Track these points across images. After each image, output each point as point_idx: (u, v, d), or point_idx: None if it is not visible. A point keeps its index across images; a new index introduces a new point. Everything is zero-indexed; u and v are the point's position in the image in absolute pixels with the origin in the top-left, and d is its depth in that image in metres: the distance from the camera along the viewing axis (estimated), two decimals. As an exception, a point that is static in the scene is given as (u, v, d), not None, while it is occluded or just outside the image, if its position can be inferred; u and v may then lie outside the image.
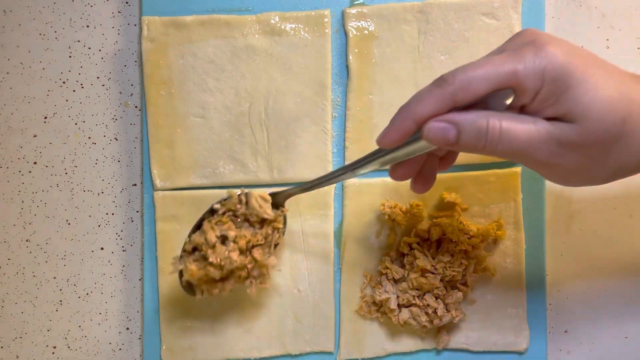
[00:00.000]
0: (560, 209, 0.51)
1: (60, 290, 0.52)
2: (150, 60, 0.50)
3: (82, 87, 0.52)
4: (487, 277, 0.50)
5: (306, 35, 0.50)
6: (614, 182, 0.39)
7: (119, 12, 0.52)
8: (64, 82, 0.52)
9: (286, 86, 0.50)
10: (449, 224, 0.47)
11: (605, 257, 0.51)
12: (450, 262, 0.47)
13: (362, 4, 0.51)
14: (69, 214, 0.52)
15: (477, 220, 0.50)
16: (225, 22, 0.50)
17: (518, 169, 0.50)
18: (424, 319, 0.48)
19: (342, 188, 0.50)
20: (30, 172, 0.52)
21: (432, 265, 0.47)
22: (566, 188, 0.50)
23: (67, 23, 0.52)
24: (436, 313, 0.47)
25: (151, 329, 0.50)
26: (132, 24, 0.52)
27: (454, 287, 0.48)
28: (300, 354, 0.50)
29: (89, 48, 0.52)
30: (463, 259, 0.48)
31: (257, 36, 0.50)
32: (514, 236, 0.50)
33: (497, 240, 0.50)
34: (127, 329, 0.52)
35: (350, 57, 0.50)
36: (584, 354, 0.51)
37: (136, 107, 0.52)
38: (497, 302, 0.50)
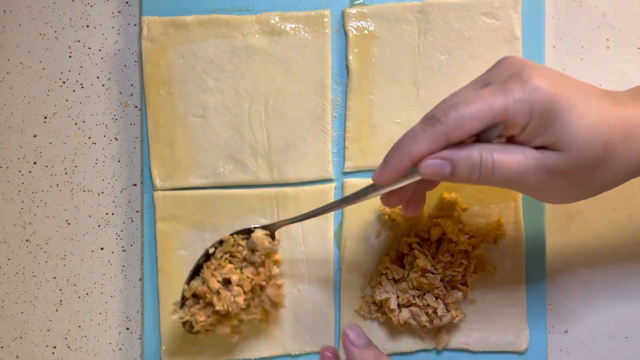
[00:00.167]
0: (560, 209, 0.51)
1: (60, 290, 0.52)
2: (150, 60, 0.50)
3: (82, 87, 0.52)
4: (487, 277, 0.50)
5: (306, 35, 0.50)
6: None
7: (119, 12, 0.52)
8: (64, 82, 0.52)
9: (286, 86, 0.50)
10: (449, 224, 0.47)
11: (605, 258, 0.51)
12: (450, 262, 0.47)
13: (362, 4, 0.51)
14: (69, 214, 0.52)
15: (477, 220, 0.50)
16: (225, 22, 0.50)
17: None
18: (424, 319, 0.48)
19: (342, 188, 0.50)
20: (30, 172, 0.52)
21: (432, 265, 0.47)
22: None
23: (67, 23, 0.52)
24: (436, 313, 0.47)
25: (151, 329, 0.50)
26: (132, 24, 0.52)
27: (454, 287, 0.48)
28: (300, 354, 0.50)
29: (89, 48, 0.52)
30: (463, 259, 0.48)
31: (257, 36, 0.50)
32: (514, 236, 0.50)
33: (497, 240, 0.50)
34: (127, 329, 0.52)
35: (350, 57, 0.50)
36: (584, 354, 0.51)
37: (136, 107, 0.52)
38: (497, 302, 0.50)
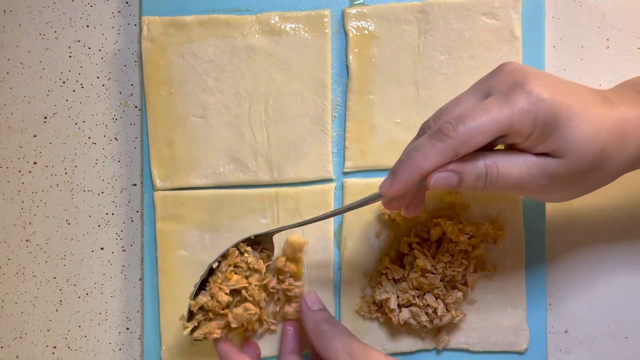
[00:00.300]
0: (560, 209, 0.51)
1: (60, 290, 0.52)
2: (150, 60, 0.50)
3: (82, 87, 0.52)
4: (487, 277, 0.50)
5: (306, 35, 0.50)
6: (613, 183, 0.44)
7: (119, 12, 0.52)
8: (64, 82, 0.52)
9: (286, 86, 0.50)
10: (449, 224, 0.47)
11: (605, 257, 0.51)
12: (450, 262, 0.47)
13: (362, 4, 0.51)
14: (69, 214, 0.52)
15: (477, 220, 0.50)
16: (225, 22, 0.50)
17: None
18: (424, 319, 0.48)
19: (342, 188, 0.50)
20: (30, 172, 0.52)
21: (432, 265, 0.47)
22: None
23: (67, 23, 0.52)
24: (436, 313, 0.47)
25: (151, 329, 0.50)
26: (132, 24, 0.52)
27: (454, 287, 0.48)
28: (300, 354, 0.50)
29: (89, 48, 0.52)
30: (463, 259, 0.48)
31: (257, 36, 0.50)
32: (514, 236, 0.50)
33: (497, 240, 0.50)
34: (127, 329, 0.52)
35: (350, 57, 0.50)
36: (584, 354, 0.51)
37: (136, 107, 0.52)
38: (497, 302, 0.50)
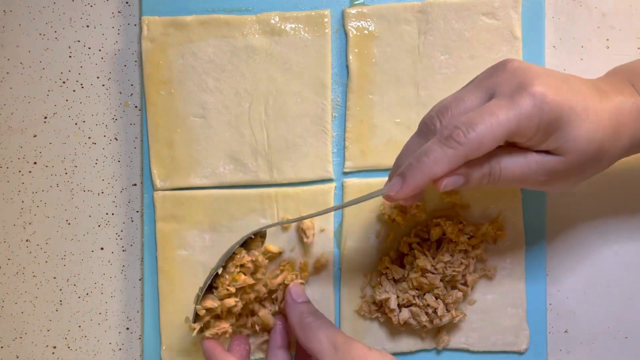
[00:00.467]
0: (560, 209, 0.51)
1: (60, 290, 0.52)
2: (150, 60, 0.50)
3: (82, 87, 0.52)
4: (487, 277, 0.50)
5: (306, 35, 0.50)
6: (614, 180, 0.50)
7: (119, 12, 0.52)
8: (64, 82, 0.52)
9: (286, 86, 0.50)
10: (449, 224, 0.47)
11: (606, 257, 0.51)
12: (450, 262, 0.47)
13: (362, 4, 0.51)
14: (69, 214, 0.52)
15: (477, 220, 0.50)
16: (225, 22, 0.50)
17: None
18: (424, 319, 0.48)
19: (342, 188, 0.50)
20: (30, 172, 0.52)
21: (432, 265, 0.47)
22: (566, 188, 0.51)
23: (67, 23, 0.52)
24: (436, 313, 0.47)
25: (151, 329, 0.50)
26: (132, 24, 0.52)
27: (454, 287, 0.48)
28: (300, 354, 0.50)
29: (89, 48, 0.52)
30: (463, 259, 0.48)
31: (257, 36, 0.50)
32: (514, 236, 0.50)
33: (497, 240, 0.50)
34: (127, 329, 0.52)
35: (350, 57, 0.50)
36: (584, 354, 0.51)
37: (136, 107, 0.52)
38: (497, 302, 0.50)
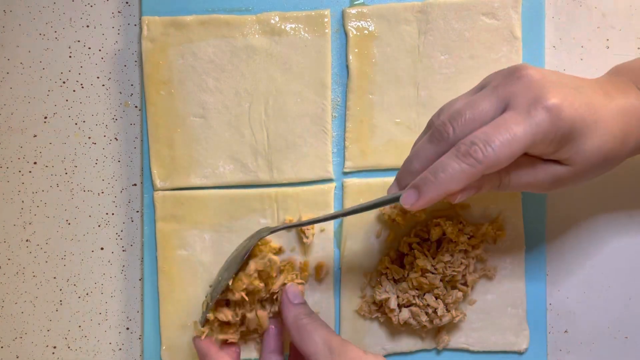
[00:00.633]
0: (560, 209, 0.51)
1: (60, 290, 0.52)
2: (150, 60, 0.50)
3: (82, 87, 0.52)
4: (487, 277, 0.50)
5: (306, 35, 0.50)
6: (613, 183, 0.50)
7: (119, 12, 0.52)
8: (64, 82, 0.52)
9: (286, 86, 0.50)
10: (449, 224, 0.47)
11: (606, 258, 0.51)
12: (450, 262, 0.47)
13: (362, 4, 0.51)
14: (69, 214, 0.52)
15: (477, 220, 0.50)
16: (225, 22, 0.50)
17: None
18: (424, 319, 0.48)
19: (342, 188, 0.50)
20: (30, 172, 0.52)
21: (432, 265, 0.47)
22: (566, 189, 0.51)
23: (67, 23, 0.52)
24: (436, 313, 0.47)
25: (151, 329, 0.50)
26: (132, 24, 0.52)
27: (454, 287, 0.48)
28: (300, 354, 0.50)
29: (89, 48, 0.52)
30: (463, 259, 0.48)
31: (257, 36, 0.50)
32: (514, 236, 0.50)
33: (497, 240, 0.50)
34: (127, 329, 0.52)
35: (350, 57, 0.50)
36: (584, 354, 0.51)
37: (136, 107, 0.52)
38: (497, 302, 0.50)
